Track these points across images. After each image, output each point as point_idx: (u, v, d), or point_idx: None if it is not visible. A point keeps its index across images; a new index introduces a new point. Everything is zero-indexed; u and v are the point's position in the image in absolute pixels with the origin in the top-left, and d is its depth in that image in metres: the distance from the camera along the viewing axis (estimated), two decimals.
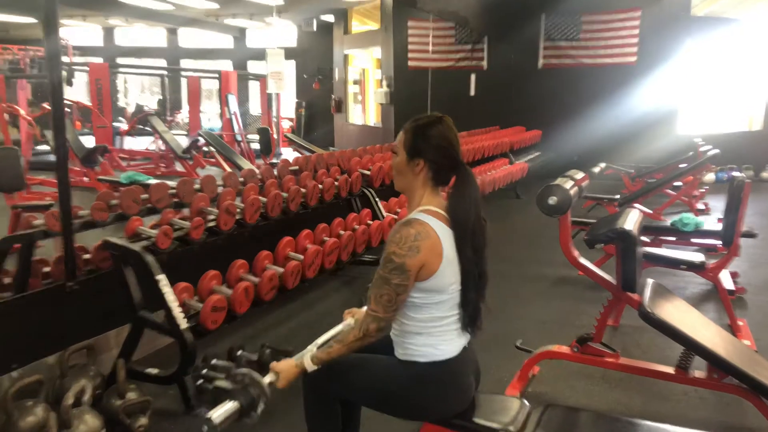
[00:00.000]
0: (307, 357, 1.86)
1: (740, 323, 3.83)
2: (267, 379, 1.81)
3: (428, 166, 1.86)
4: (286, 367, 1.85)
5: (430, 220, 1.80)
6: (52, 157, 2.96)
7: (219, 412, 1.70)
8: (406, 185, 1.92)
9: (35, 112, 10.60)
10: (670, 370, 2.81)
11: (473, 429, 1.88)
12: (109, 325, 3.25)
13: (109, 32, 18.03)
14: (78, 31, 17.54)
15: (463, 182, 1.86)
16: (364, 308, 2.29)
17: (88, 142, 10.04)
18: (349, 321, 2.19)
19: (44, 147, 11.41)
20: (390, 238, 1.79)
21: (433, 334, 1.85)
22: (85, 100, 13.32)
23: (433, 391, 1.85)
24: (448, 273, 1.80)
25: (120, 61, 16.65)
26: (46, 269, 3.27)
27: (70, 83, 12.46)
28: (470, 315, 1.88)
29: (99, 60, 15.63)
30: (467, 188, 1.85)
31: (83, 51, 16.62)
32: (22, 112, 9.88)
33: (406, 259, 1.74)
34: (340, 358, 1.98)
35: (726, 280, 4.27)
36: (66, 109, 11.33)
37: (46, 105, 9.82)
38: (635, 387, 3.13)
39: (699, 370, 2.76)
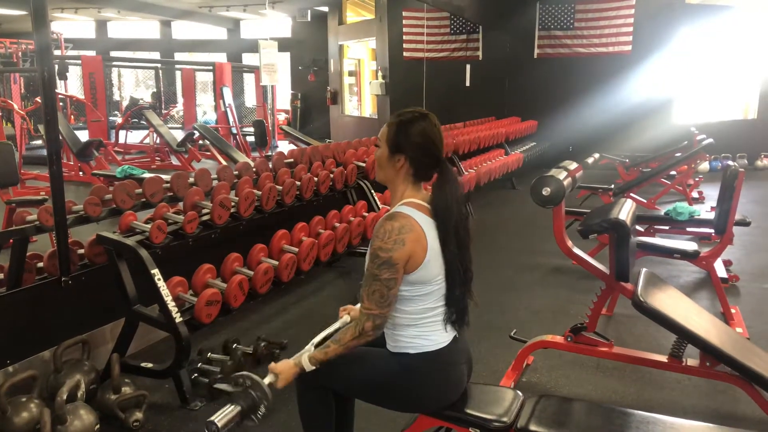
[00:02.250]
0: (305, 357, 1.86)
1: (733, 311, 3.85)
2: (266, 380, 1.81)
3: (409, 162, 1.85)
4: (284, 367, 1.85)
5: (413, 213, 1.81)
6: (46, 151, 2.95)
7: (222, 416, 1.72)
8: (388, 179, 1.92)
9: (28, 107, 10.54)
10: (664, 358, 2.83)
11: (467, 420, 1.88)
12: (104, 319, 3.25)
13: (101, 25, 17.90)
14: (70, 24, 17.41)
15: (444, 180, 1.86)
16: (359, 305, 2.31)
17: (83, 136, 10.01)
18: (345, 318, 2.19)
19: (38, 142, 11.38)
20: (374, 233, 1.79)
21: (423, 325, 1.85)
22: (79, 93, 13.26)
23: (425, 381, 1.86)
24: (434, 264, 1.81)
25: (113, 54, 16.55)
26: (40, 264, 3.26)
27: (63, 77, 12.39)
28: (457, 312, 1.88)
29: (92, 53, 15.55)
30: (448, 185, 1.85)
31: (76, 44, 16.48)
32: (16, 106, 9.82)
33: (392, 252, 1.74)
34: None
35: (719, 268, 4.28)
36: (59, 103, 11.29)
37: (38, 99, 9.76)
38: (629, 376, 3.15)
39: (692, 358, 2.77)
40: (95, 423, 2.54)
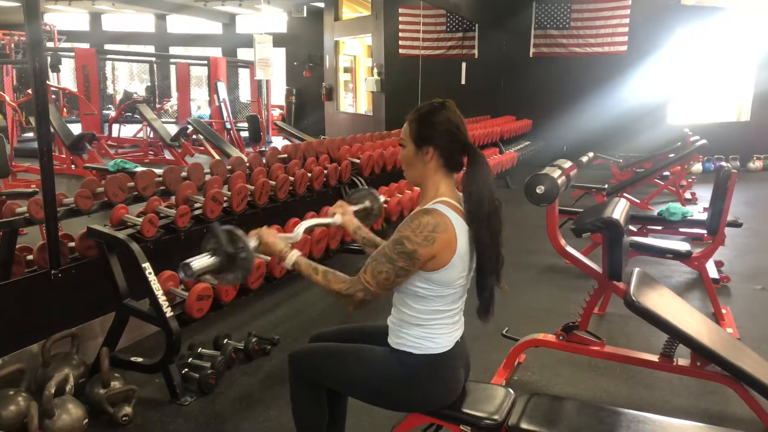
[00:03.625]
0: (293, 256, 1.86)
1: (724, 311, 3.87)
2: (251, 242, 1.78)
3: (438, 153, 1.81)
4: (271, 242, 1.85)
5: (449, 213, 1.75)
6: (37, 144, 2.92)
7: (198, 260, 1.68)
8: (418, 176, 1.86)
9: (20, 98, 10.46)
10: (655, 358, 2.84)
11: (459, 418, 1.88)
12: (94, 313, 3.23)
13: (96, 17, 17.77)
14: (64, 16, 17.27)
15: (475, 165, 1.81)
16: (354, 208, 2.29)
17: (76, 129, 9.95)
18: (337, 218, 2.18)
19: (30, 134, 11.29)
20: (407, 221, 1.75)
21: (431, 326, 1.82)
22: (72, 86, 13.17)
23: (425, 384, 1.84)
24: (458, 268, 1.77)
25: (108, 47, 16.44)
26: (30, 257, 3.23)
27: (56, 69, 12.29)
28: (486, 300, 1.85)
29: (86, 46, 15.45)
30: (480, 170, 1.80)
31: (69, 36, 16.36)
32: (7, 98, 9.75)
33: (419, 247, 1.70)
34: (328, 350, 1.98)
35: (711, 269, 4.30)
36: (52, 95, 11.21)
37: (30, 91, 9.68)
38: (620, 375, 3.16)
39: (683, 358, 2.78)
40: (84, 417, 2.52)
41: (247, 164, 4.47)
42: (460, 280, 1.81)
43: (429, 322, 1.82)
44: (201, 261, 1.68)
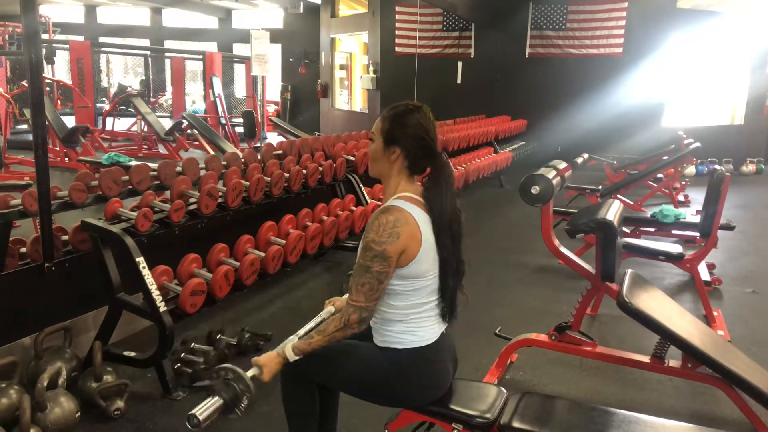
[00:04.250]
0: (289, 347, 1.84)
1: (715, 314, 3.89)
2: (250, 373, 1.79)
3: (404, 155, 1.85)
4: (268, 359, 1.84)
5: (408, 206, 1.80)
6: (32, 136, 2.91)
7: (203, 409, 1.69)
8: (382, 172, 1.91)
9: (14, 90, 10.39)
10: (646, 359, 2.86)
11: (451, 416, 1.89)
12: (87, 307, 3.22)
13: (91, 10, 17.67)
14: (59, 8, 17.16)
15: (439, 172, 1.86)
16: (346, 296, 2.29)
17: (70, 122, 9.89)
18: (329, 309, 2.18)
19: (24, 126, 11.22)
20: (368, 226, 1.79)
21: (412, 320, 1.85)
22: (66, 78, 13.09)
23: (412, 377, 1.85)
24: (427, 258, 1.81)
25: (102, 40, 16.34)
26: (23, 250, 3.22)
27: (50, 61, 12.22)
28: (448, 303, 1.89)
29: (81, 38, 15.35)
30: (443, 178, 1.85)
31: (64, 28, 16.25)
32: (1, 89, 9.68)
33: (386, 246, 1.73)
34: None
35: (703, 271, 4.32)
36: (46, 88, 11.14)
37: (24, 83, 9.64)
38: (611, 375, 3.18)
39: (674, 359, 2.80)
40: (76, 410, 2.51)
41: (243, 160, 4.46)
42: (432, 271, 1.84)
43: (410, 317, 1.85)
44: (207, 410, 1.70)
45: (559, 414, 2.01)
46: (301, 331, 2.01)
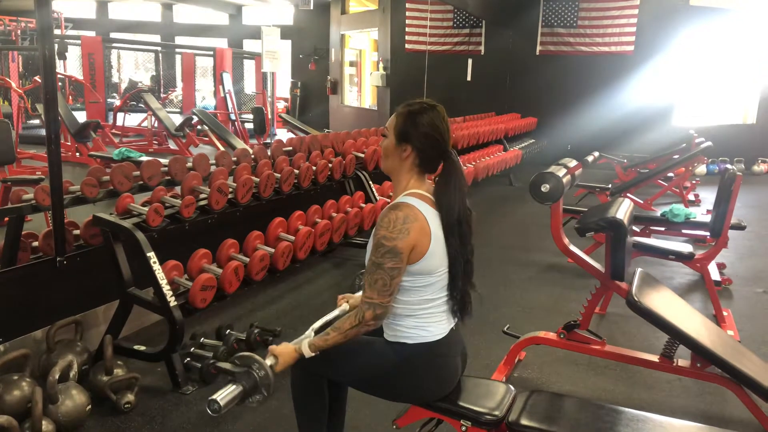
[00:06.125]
0: (305, 344, 1.86)
1: (725, 314, 3.87)
2: (267, 361, 1.81)
3: (415, 153, 1.86)
4: (285, 351, 1.85)
5: (417, 203, 1.81)
6: (43, 131, 2.93)
7: (224, 394, 1.72)
8: (393, 168, 1.92)
9: (26, 85, 10.46)
10: (655, 358, 2.84)
11: (459, 412, 1.89)
12: (98, 301, 3.25)
13: (102, 6, 17.76)
14: (71, 3, 17.26)
15: (449, 172, 1.87)
16: (359, 294, 2.29)
17: (81, 117, 9.96)
18: (344, 307, 2.19)
19: (35, 121, 11.31)
20: (379, 223, 1.80)
21: (422, 316, 1.86)
22: (78, 74, 13.17)
23: (420, 372, 1.86)
24: (437, 255, 1.81)
25: (114, 35, 16.42)
26: (35, 244, 3.25)
27: (62, 57, 12.30)
28: (459, 302, 1.90)
29: (92, 34, 15.43)
30: (453, 178, 1.86)
31: (76, 24, 16.35)
32: (14, 84, 9.76)
33: (396, 241, 1.74)
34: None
35: (713, 271, 4.30)
36: (58, 83, 11.20)
37: (37, 78, 9.70)
38: (620, 374, 3.17)
39: (683, 359, 2.79)
40: (87, 403, 2.54)
41: (253, 156, 4.48)
42: (442, 267, 1.85)
43: (420, 312, 1.85)
44: (228, 396, 1.73)
45: (567, 412, 2.01)
46: (316, 325, 2.02)
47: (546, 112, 10.78)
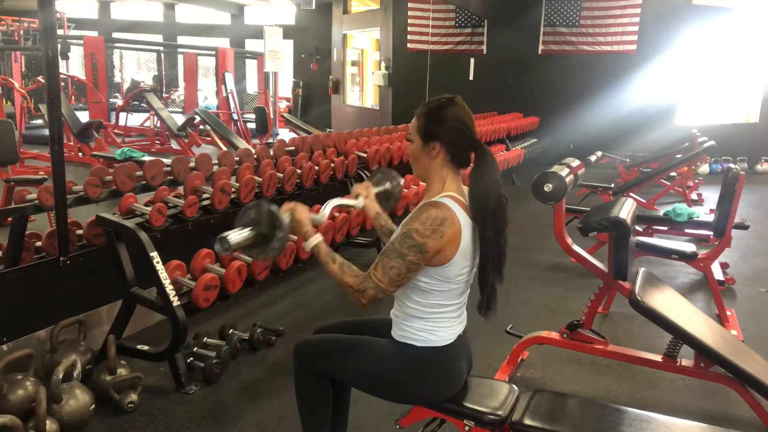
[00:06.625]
0: (313, 240, 1.83)
1: (728, 313, 3.86)
2: (285, 218, 1.78)
3: (445, 149, 1.82)
4: (301, 219, 1.84)
5: (456, 208, 1.77)
6: (46, 131, 2.94)
7: (236, 233, 1.68)
8: (425, 171, 1.87)
9: (29, 85, 10.48)
10: (658, 358, 2.84)
11: (462, 412, 1.89)
12: (101, 300, 3.25)
13: (105, 5, 17.79)
14: (73, 3, 17.28)
15: (482, 161, 1.81)
16: (376, 189, 2.26)
17: (83, 117, 9.98)
18: (360, 201, 2.16)
19: (38, 121, 11.33)
20: (414, 214, 1.76)
21: (432, 320, 1.84)
22: (80, 74, 13.19)
23: (426, 375, 1.85)
24: (460, 264, 1.78)
25: (116, 35, 16.44)
26: (39, 243, 3.26)
27: (65, 57, 12.32)
28: (487, 297, 1.86)
29: (94, 34, 15.45)
30: (486, 167, 1.80)
31: (78, 24, 16.37)
32: (16, 84, 9.77)
33: (428, 240, 1.71)
34: (333, 341, 1.99)
35: (716, 270, 4.29)
36: (61, 83, 11.22)
37: (40, 78, 9.72)
38: (623, 374, 3.17)
39: (686, 358, 2.79)
40: (91, 403, 2.55)
41: (255, 156, 4.48)
42: (462, 276, 1.82)
43: (431, 316, 1.84)
44: (238, 235, 1.67)
45: (571, 412, 2.01)
46: (333, 202, 2.03)
47: (548, 112, 10.77)
